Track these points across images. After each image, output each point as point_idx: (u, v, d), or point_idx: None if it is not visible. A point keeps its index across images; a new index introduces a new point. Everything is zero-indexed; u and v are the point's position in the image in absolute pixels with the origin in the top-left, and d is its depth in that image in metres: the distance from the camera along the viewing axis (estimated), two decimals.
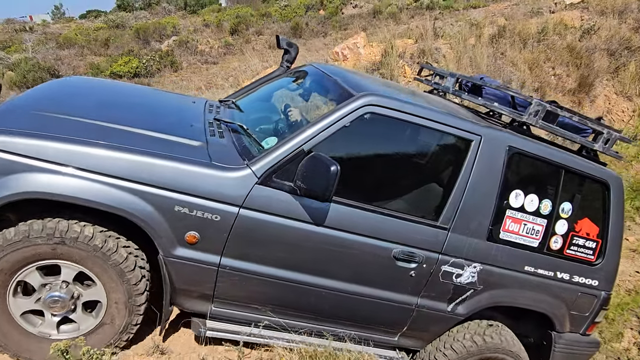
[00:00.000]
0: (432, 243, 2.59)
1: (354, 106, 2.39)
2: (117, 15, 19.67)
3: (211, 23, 16.83)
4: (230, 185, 2.27)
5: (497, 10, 12.32)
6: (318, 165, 2.16)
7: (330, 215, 2.39)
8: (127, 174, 2.15)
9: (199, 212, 2.24)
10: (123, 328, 2.37)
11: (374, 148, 2.68)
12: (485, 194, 2.63)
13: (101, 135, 2.25)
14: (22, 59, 11.05)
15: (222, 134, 2.73)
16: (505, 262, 2.74)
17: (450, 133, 2.56)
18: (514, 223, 2.72)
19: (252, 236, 2.34)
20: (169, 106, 3.24)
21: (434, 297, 2.71)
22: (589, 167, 2.89)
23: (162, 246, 2.27)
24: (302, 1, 20.12)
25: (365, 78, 3.27)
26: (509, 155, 2.64)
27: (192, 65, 11.91)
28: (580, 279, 2.95)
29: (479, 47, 7.70)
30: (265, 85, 3.36)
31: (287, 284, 2.48)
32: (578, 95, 8.04)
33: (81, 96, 2.99)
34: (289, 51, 3.36)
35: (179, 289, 2.43)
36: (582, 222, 2.91)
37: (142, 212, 2.18)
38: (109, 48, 13.68)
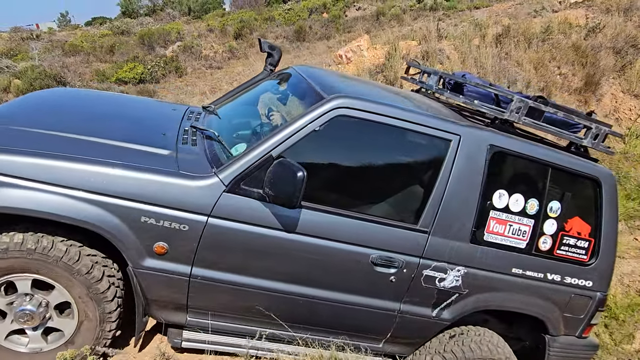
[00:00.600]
0: (412, 247, 2.52)
1: (324, 109, 2.35)
2: (122, 22, 19.79)
3: (215, 28, 16.89)
4: (198, 194, 2.24)
5: (500, 10, 12.27)
6: (285, 172, 2.13)
7: (302, 221, 2.35)
8: (89, 186, 2.14)
9: (166, 223, 2.22)
10: (100, 318, 2.34)
11: (348, 152, 2.63)
12: (467, 195, 2.56)
13: (66, 147, 2.25)
14: (29, 67, 11.13)
15: (195, 141, 2.70)
16: (491, 265, 2.67)
17: (427, 133, 2.49)
18: (499, 224, 2.65)
19: (223, 245, 2.31)
20: (145, 115, 3.23)
21: (417, 303, 2.65)
22: (577, 163, 2.79)
23: (131, 257, 2.25)
24: (306, 4, 20.15)
25: (346, 80, 3.18)
26: (491, 154, 2.57)
27: (196, 70, 11.95)
28: (572, 280, 2.86)
29: (483, 48, 7.67)
30: (248, 89, 3.33)
31: (262, 293, 2.44)
32: (584, 94, 7.98)
33: (55, 108, 3.00)
34: (272, 54, 3.32)
35: (152, 300, 2.40)
36: (573, 221, 2.82)
37: (107, 224, 2.16)
38: (114, 54, 13.76)
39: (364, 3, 19.81)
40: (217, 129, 2.80)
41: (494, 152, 2.57)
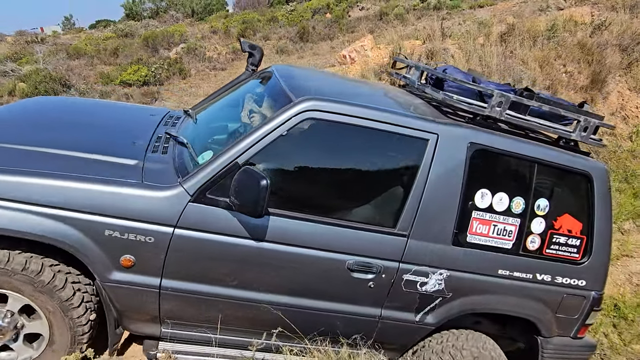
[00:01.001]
0: (390, 252, 2.45)
1: (291, 113, 2.28)
2: (125, 25, 19.86)
3: (219, 29, 16.91)
4: (162, 205, 2.20)
5: (505, 9, 12.22)
6: (249, 180, 2.08)
7: (272, 229, 2.29)
8: (48, 201, 2.10)
9: (131, 235, 2.18)
10: (69, 325, 2.33)
11: (320, 155, 2.55)
12: (447, 196, 2.47)
13: (26, 161, 2.22)
14: (34, 71, 11.18)
15: (167, 149, 2.64)
16: (476, 267, 2.58)
17: (402, 133, 2.40)
18: (482, 225, 2.55)
19: (192, 256, 2.26)
20: (118, 123, 3.16)
21: (398, 308, 2.58)
22: (566, 158, 2.66)
23: (97, 271, 2.22)
24: (309, 5, 20.14)
25: (324, 80, 3.06)
26: (472, 152, 2.47)
27: (200, 72, 11.97)
28: (564, 279, 2.75)
29: (488, 47, 7.62)
30: (230, 91, 3.23)
31: (235, 303, 2.39)
32: (590, 92, 7.91)
33: (23, 120, 2.96)
34: (253, 54, 3.25)
35: (123, 313, 2.37)
36: (563, 219, 2.70)
37: (69, 238, 2.13)
38: (118, 57, 13.80)
39: (367, 3, 19.78)
40: (193, 134, 2.74)
41: (474, 150, 2.48)
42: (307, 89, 2.50)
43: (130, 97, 10.20)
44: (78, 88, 10.50)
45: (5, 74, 12.07)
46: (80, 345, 2.37)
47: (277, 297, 2.43)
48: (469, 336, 2.73)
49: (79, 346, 2.37)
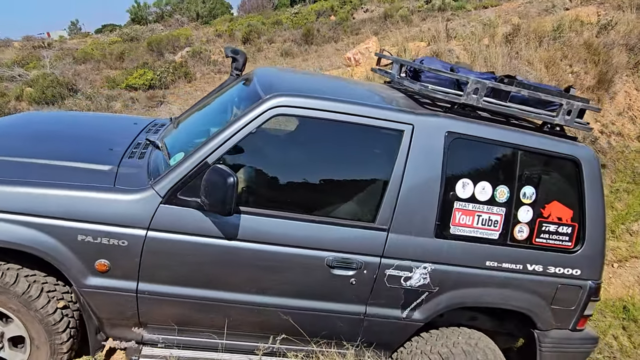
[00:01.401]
0: (370, 246, 2.41)
1: (261, 109, 2.27)
2: (131, 29, 19.99)
3: (223, 33, 16.98)
4: (134, 207, 2.21)
5: (510, 9, 12.18)
6: (217, 178, 2.07)
7: (244, 228, 2.27)
8: (19, 208, 2.12)
9: (104, 239, 2.19)
10: (47, 333, 2.32)
11: (294, 151, 2.53)
12: (426, 188, 2.41)
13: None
14: (41, 75, 11.26)
15: (144, 154, 2.65)
16: (461, 259, 2.50)
17: (376, 125, 2.37)
18: (466, 215, 2.48)
19: (166, 258, 2.26)
20: (100, 132, 3.19)
21: (383, 304, 2.52)
22: (550, 143, 2.56)
23: (73, 277, 2.23)
24: (313, 7, 20.19)
25: (300, 78, 3.02)
26: (450, 141, 2.42)
27: (205, 76, 12.01)
28: (557, 269, 2.64)
29: (493, 47, 7.59)
30: (215, 97, 3.24)
31: (214, 304, 2.37)
32: (597, 92, 7.86)
33: (6, 132, 3.01)
34: (236, 59, 3.26)
35: (103, 319, 2.36)
36: (551, 206, 2.60)
37: (43, 245, 2.14)
38: (124, 61, 13.88)
39: (371, 5, 19.79)
40: (173, 140, 2.73)
41: (452, 139, 2.42)
42: (279, 87, 2.47)
43: (136, 101, 10.25)
44: (84, 92, 10.57)
45: (13, 79, 12.18)
46: (61, 355, 2.36)
47: (256, 297, 2.40)
48: (461, 333, 2.65)
49: (59, 356, 2.36)
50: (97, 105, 9.96)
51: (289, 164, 2.51)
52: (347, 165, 2.54)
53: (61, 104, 10.08)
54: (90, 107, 9.74)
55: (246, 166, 2.42)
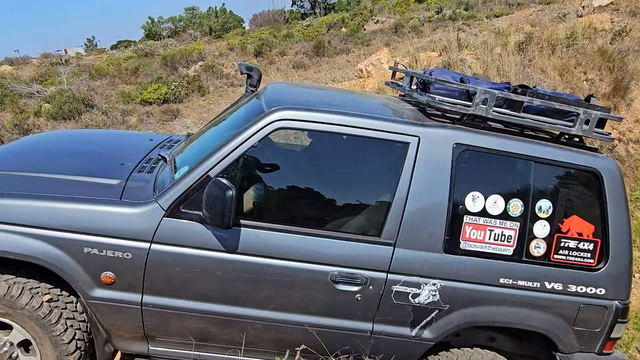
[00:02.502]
0: (376, 261, 2.35)
1: (263, 123, 2.28)
2: (145, 44, 20.35)
3: (236, 46, 17.19)
4: (137, 221, 2.24)
5: (522, 18, 12.14)
6: (217, 191, 2.07)
7: (246, 241, 2.27)
8: (28, 220, 2.18)
9: (109, 252, 2.22)
10: (54, 347, 2.34)
11: (297, 164, 2.52)
12: (433, 201, 2.34)
13: (9, 185, 2.33)
14: (58, 91, 11.50)
15: (153, 169, 2.69)
16: (473, 276, 2.40)
17: (381, 138, 2.33)
18: (476, 230, 2.39)
19: (170, 271, 2.27)
20: (113, 148, 3.26)
21: (391, 322, 2.43)
22: (567, 155, 2.45)
23: (80, 289, 2.26)
24: (324, 20, 20.35)
25: (310, 92, 2.99)
26: (458, 153, 2.35)
27: (218, 89, 12.15)
28: (578, 288, 2.49)
29: (505, 56, 7.55)
30: (230, 113, 3.26)
31: (218, 318, 2.36)
32: (613, 100, 7.76)
33: (24, 149, 3.13)
34: (251, 75, 3.29)
35: (110, 331, 2.37)
36: (570, 221, 2.47)
37: (51, 256, 2.19)
38: (138, 76, 14.12)
39: (382, 16, 19.89)
40: (184, 155, 2.75)
41: (461, 151, 2.36)
42: (283, 101, 2.47)
43: (150, 115, 10.39)
44: (100, 107, 10.75)
45: (32, 96, 12.46)
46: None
47: (259, 311, 2.38)
48: (472, 354, 2.54)
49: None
50: (112, 120, 10.11)
51: (293, 177, 2.51)
52: (352, 179, 2.51)
53: (78, 119, 10.27)
54: (106, 122, 9.90)
55: (248, 179, 2.44)
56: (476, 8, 17.32)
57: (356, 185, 2.51)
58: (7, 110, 11.48)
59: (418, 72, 2.98)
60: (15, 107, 11.35)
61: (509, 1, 17.25)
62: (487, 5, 17.51)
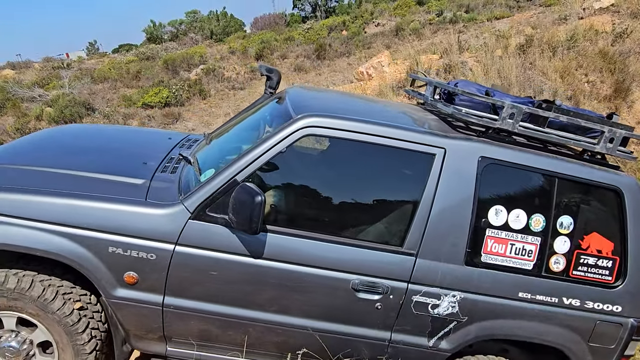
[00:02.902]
0: (397, 271, 2.35)
1: (291, 129, 2.28)
2: (147, 48, 20.42)
3: (237, 50, 17.24)
4: (163, 222, 2.24)
5: (522, 20, 12.14)
6: (245, 196, 2.07)
7: (271, 246, 2.27)
8: (55, 218, 2.18)
9: (134, 252, 2.22)
10: (74, 351, 2.36)
11: (323, 171, 2.52)
12: (457, 213, 2.35)
13: (36, 181, 2.33)
14: (60, 95, 11.54)
15: (176, 169, 2.69)
16: (492, 289, 2.42)
17: (407, 148, 2.33)
18: (498, 243, 2.40)
19: (193, 273, 2.27)
20: (135, 146, 3.26)
21: (409, 331, 2.44)
22: (589, 172, 2.47)
23: (102, 288, 2.26)
24: (325, 23, 20.40)
25: (332, 98, 2.99)
26: (483, 166, 2.36)
27: (220, 92, 12.18)
28: (595, 304, 2.52)
29: (506, 58, 7.56)
30: (248, 114, 3.28)
31: (238, 322, 2.36)
32: (614, 102, 7.75)
33: (45, 145, 3.11)
34: (271, 77, 3.29)
35: (130, 331, 2.38)
36: (590, 238, 2.49)
37: (75, 254, 2.19)
38: (140, 80, 14.15)
39: (383, 19, 19.93)
40: (205, 155, 2.76)
41: (486, 165, 2.37)
42: (311, 107, 2.48)
43: (152, 119, 10.42)
44: (102, 111, 10.80)
45: (33, 99, 12.51)
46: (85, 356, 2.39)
47: (279, 317, 2.38)
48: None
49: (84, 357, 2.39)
50: (114, 123, 10.14)
51: (318, 184, 2.50)
52: (376, 187, 2.51)
53: (79, 122, 10.31)
54: None
55: (274, 185, 2.43)
56: (477, 10, 17.35)
57: (380, 194, 2.51)
58: (9, 114, 11.54)
59: (442, 82, 2.99)
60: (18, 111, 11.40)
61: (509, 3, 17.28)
62: (487, 7, 17.54)
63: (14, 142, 3.23)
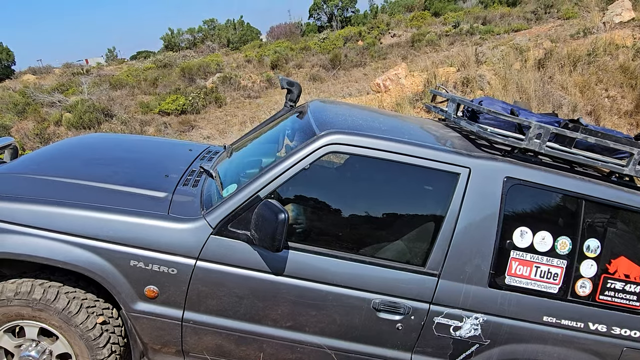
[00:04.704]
0: (419, 292, 2.32)
1: (314, 147, 2.26)
2: (164, 55, 20.69)
3: (253, 58, 17.39)
4: (185, 237, 2.23)
5: (541, 33, 12.05)
6: (268, 213, 2.06)
7: (292, 263, 2.25)
8: (78, 230, 2.19)
9: (155, 266, 2.22)
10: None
11: (345, 189, 2.50)
12: (481, 234, 2.31)
13: (59, 192, 2.34)
14: (79, 101, 11.72)
15: (197, 182, 2.69)
16: (516, 312, 2.37)
17: (431, 167, 2.30)
18: (523, 266, 2.36)
19: (213, 289, 2.26)
20: (156, 157, 3.27)
21: (430, 353, 2.40)
22: (617, 194, 2.42)
23: (122, 301, 2.26)
24: (341, 33, 20.49)
25: (355, 113, 2.97)
26: (508, 187, 2.32)
27: (235, 101, 12.27)
28: (622, 331, 2.46)
29: (525, 72, 7.49)
30: (268, 127, 3.27)
31: (257, 339, 2.34)
32: (635, 117, 7.62)
33: (67, 154, 3.13)
34: (291, 90, 3.28)
35: (148, 344, 2.37)
36: (618, 262, 2.44)
37: (97, 267, 2.19)
38: (157, 87, 14.34)
39: (398, 30, 19.95)
40: (225, 169, 2.75)
41: (511, 185, 2.33)
42: (333, 123, 2.46)
43: (168, 126, 10.52)
44: (120, 117, 10.93)
45: (53, 105, 12.72)
46: None
47: (299, 335, 2.36)
48: None
49: None
50: (131, 130, 10.26)
51: (340, 202, 2.48)
52: (399, 206, 2.48)
53: (97, 129, 10.44)
54: (124, 132, 10.04)
55: (296, 202, 2.41)
56: (494, 23, 17.30)
57: (404, 213, 2.49)
58: (30, 119, 11.74)
59: (467, 99, 2.95)
60: (37, 116, 11.60)
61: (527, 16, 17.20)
62: (504, 19, 17.48)
63: (36, 152, 3.27)
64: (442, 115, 3.15)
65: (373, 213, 2.48)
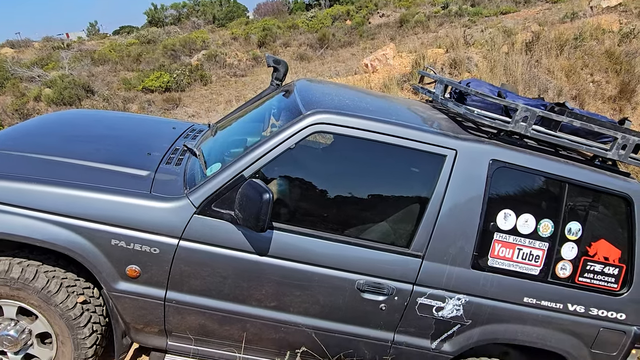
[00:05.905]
0: (403, 273, 2.34)
1: (300, 126, 2.24)
2: (148, 31, 20.16)
3: (239, 36, 17.05)
4: (168, 216, 2.20)
5: (529, 16, 12.05)
6: (252, 193, 2.04)
7: (277, 244, 2.25)
8: (57, 208, 2.14)
9: (137, 245, 2.19)
10: (74, 344, 2.34)
11: (331, 169, 2.48)
12: (465, 216, 2.33)
13: (37, 170, 2.28)
14: (59, 76, 11.40)
15: (180, 161, 2.65)
16: (498, 293, 2.41)
17: (417, 149, 2.29)
18: (505, 248, 2.39)
19: (196, 269, 2.25)
20: (138, 135, 3.19)
21: (413, 333, 2.44)
22: (600, 178, 2.45)
23: (104, 281, 2.24)
24: (329, 12, 20.19)
25: (342, 93, 2.93)
26: (493, 169, 2.33)
27: (221, 79, 12.06)
28: (600, 311, 2.52)
29: (512, 55, 7.50)
30: (254, 106, 3.21)
31: (240, 319, 2.35)
32: (619, 102, 7.72)
33: (47, 131, 3.04)
34: (278, 69, 3.24)
35: (130, 324, 2.36)
36: (598, 245, 2.49)
37: (77, 246, 2.16)
38: (140, 63, 14.00)
39: (387, 10, 19.74)
40: (210, 148, 2.71)
41: (496, 168, 2.34)
42: (320, 103, 2.44)
43: (152, 103, 10.32)
44: (102, 94, 10.68)
45: (32, 80, 12.35)
46: (85, 351, 2.38)
47: (282, 314, 2.37)
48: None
49: (84, 351, 2.38)
50: (113, 107, 10.04)
51: (325, 182, 2.47)
52: (385, 187, 2.48)
53: (78, 105, 10.20)
54: (107, 109, 9.82)
55: (281, 181, 2.40)
56: (482, 4, 17.21)
57: (389, 194, 2.49)
58: (8, 94, 11.40)
59: (454, 81, 2.93)
60: (16, 91, 11.27)
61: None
62: (493, 2, 17.40)
63: (14, 127, 3.16)
64: (429, 96, 3.13)
65: (358, 194, 2.47)
